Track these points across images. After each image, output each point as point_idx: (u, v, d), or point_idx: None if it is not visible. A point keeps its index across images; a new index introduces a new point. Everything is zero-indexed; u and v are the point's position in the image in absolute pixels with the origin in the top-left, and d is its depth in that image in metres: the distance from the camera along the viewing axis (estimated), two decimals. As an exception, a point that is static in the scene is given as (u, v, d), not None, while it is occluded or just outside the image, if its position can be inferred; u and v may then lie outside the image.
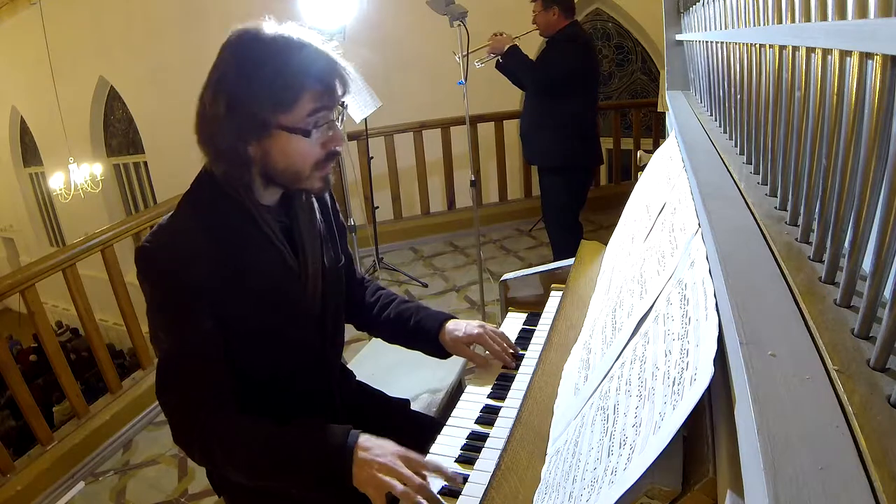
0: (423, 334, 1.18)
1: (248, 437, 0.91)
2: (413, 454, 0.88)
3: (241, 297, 0.94)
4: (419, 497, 0.81)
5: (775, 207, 0.72)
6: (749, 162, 0.88)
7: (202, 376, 0.93)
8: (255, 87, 0.84)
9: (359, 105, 3.27)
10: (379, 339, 1.28)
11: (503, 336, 1.19)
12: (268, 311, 0.98)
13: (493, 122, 4.32)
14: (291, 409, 1.05)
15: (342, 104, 0.91)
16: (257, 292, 0.96)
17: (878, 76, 0.41)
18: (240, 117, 0.85)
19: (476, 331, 1.16)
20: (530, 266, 1.63)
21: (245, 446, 0.91)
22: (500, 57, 2.81)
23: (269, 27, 0.88)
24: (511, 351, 1.17)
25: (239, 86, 0.85)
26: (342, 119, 0.93)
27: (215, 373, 0.94)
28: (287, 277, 1.00)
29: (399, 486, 0.82)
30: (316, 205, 1.07)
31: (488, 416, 1.04)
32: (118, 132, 7.90)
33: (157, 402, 2.90)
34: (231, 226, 0.93)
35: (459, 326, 1.17)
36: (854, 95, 0.46)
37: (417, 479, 0.84)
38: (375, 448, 0.87)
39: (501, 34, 2.80)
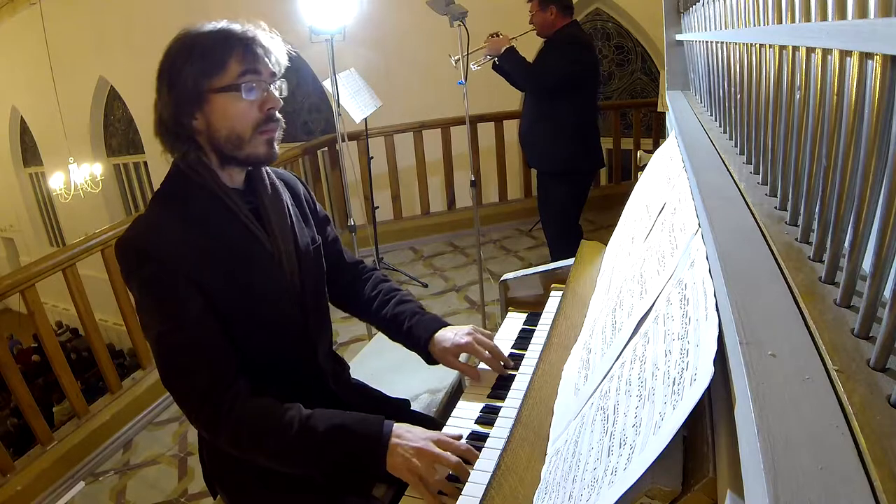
0: (413, 342, 1.18)
1: (276, 423, 0.93)
2: (444, 436, 0.94)
3: (220, 277, 0.96)
4: (449, 475, 0.89)
5: (775, 207, 0.72)
6: (749, 162, 0.88)
7: (203, 357, 0.94)
8: (186, 62, 0.93)
9: (359, 105, 3.26)
10: (379, 339, 1.28)
11: (493, 346, 1.16)
12: (248, 289, 1.00)
13: (493, 122, 4.32)
14: (281, 394, 1.04)
15: (274, 75, 0.98)
16: (235, 271, 0.98)
17: (878, 76, 0.41)
18: (179, 91, 0.94)
19: (464, 339, 1.13)
20: (530, 266, 1.63)
21: (273, 433, 0.93)
22: (496, 58, 2.75)
23: (199, 23, 0.97)
24: (501, 362, 1.15)
25: (174, 66, 0.94)
26: (282, 91, 1.00)
27: (216, 351, 0.95)
28: (261, 254, 1.02)
29: (432, 476, 0.88)
30: (287, 194, 1.11)
31: (488, 416, 1.04)
32: (118, 132, 7.91)
33: (157, 402, 2.91)
34: (202, 209, 0.98)
35: (448, 336, 1.14)
36: (854, 95, 0.46)
37: (453, 458, 0.90)
38: (407, 434, 0.93)
39: (498, 35, 2.75)
